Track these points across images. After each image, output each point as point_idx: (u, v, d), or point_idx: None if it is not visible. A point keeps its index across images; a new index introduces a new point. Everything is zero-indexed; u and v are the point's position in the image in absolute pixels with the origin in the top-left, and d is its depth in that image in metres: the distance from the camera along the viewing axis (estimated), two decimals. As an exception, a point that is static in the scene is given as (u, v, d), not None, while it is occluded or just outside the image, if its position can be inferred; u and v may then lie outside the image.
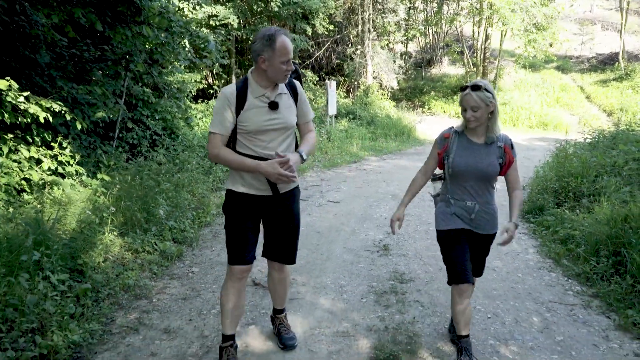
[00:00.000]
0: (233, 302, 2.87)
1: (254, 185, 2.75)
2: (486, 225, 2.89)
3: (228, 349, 2.90)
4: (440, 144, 2.92)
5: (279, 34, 2.58)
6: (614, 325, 3.52)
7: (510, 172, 2.87)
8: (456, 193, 2.88)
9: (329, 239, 5.41)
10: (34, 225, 3.99)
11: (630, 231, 4.40)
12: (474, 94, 2.66)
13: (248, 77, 2.73)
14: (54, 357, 2.87)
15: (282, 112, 2.72)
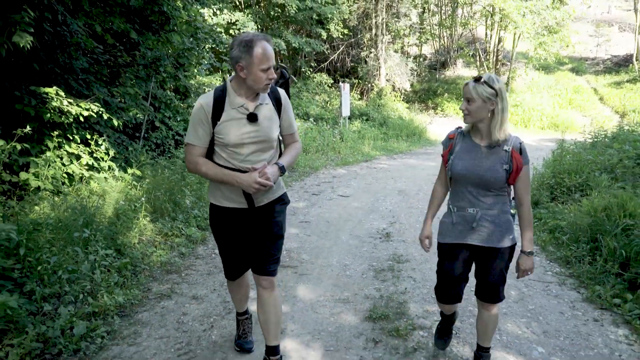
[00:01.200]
0: (238, 291, 3.08)
1: (232, 198, 2.66)
2: (492, 236, 2.58)
3: (244, 321, 3.16)
4: (446, 145, 2.73)
5: (258, 40, 2.42)
6: (582, 298, 4.03)
7: (518, 182, 2.55)
8: (457, 200, 2.66)
9: (337, 227, 5.98)
10: (81, 210, 4.64)
11: (606, 220, 4.90)
12: (472, 84, 2.48)
13: (227, 86, 2.58)
14: (104, 314, 3.49)
15: (261, 125, 2.57)
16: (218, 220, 2.76)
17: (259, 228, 2.73)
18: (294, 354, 3.08)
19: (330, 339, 3.25)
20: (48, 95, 5.42)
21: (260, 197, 2.66)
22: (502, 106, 2.48)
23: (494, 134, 2.50)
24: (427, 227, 2.80)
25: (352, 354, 3.06)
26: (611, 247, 4.48)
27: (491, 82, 2.45)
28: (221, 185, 2.65)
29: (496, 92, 2.44)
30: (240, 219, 2.71)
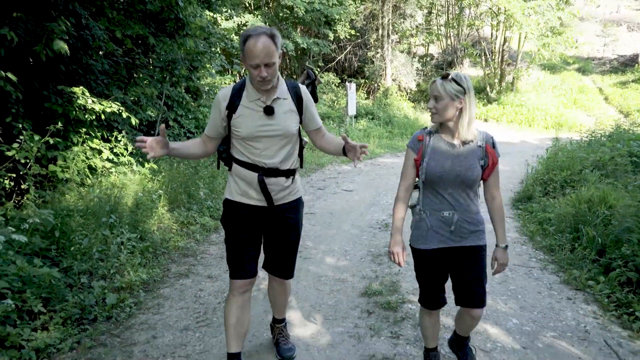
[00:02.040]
0: (236, 317, 2.70)
1: (249, 195, 2.62)
2: (470, 236, 2.53)
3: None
4: (415, 148, 2.56)
5: (252, 35, 2.37)
6: (559, 280, 4.44)
7: (490, 177, 2.54)
8: (432, 203, 2.54)
9: (340, 218, 6.41)
10: (106, 199, 5.12)
11: (587, 211, 5.30)
12: (439, 82, 2.40)
13: (246, 80, 2.58)
14: (130, 288, 3.95)
15: (278, 119, 2.54)
16: (232, 216, 2.69)
17: (276, 231, 2.72)
18: (297, 322, 3.52)
19: (329, 310, 3.70)
20: (75, 94, 5.90)
21: (278, 195, 2.63)
22: (470, 104, 2.40)
23: (462, 133, 2.43)
24: (398, 237, 2.62)
25: (348, 322, 3.50)
26: (590, 236, 4.88)
27: (459, 79, 2.38)
28: (238, 180, 2.63)
29: (464, 89, 2.37)
30: (256, 216, 2.66)
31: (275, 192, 2.62)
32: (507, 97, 22.17)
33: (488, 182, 2.56)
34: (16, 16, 5.33)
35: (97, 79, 7.35)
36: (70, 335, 3.18)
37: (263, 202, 2.63)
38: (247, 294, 2.75)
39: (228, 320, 2.70)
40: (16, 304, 3.08)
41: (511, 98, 22.08)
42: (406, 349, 3.14)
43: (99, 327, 3.36)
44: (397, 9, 19.83)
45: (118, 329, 3.41)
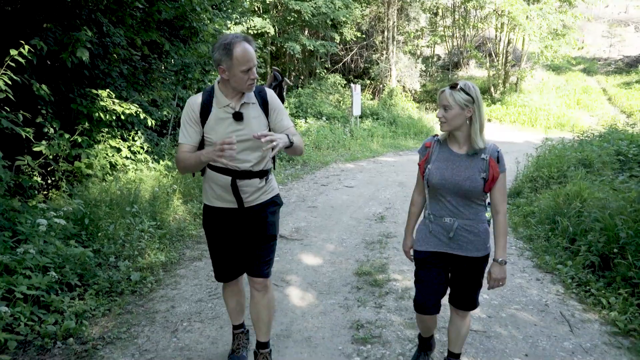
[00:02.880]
0: (233, 302, 3.04)
1: (222, 197, 2.70)
2: (469, 246, 2.55)
3: (239, 335, 3.12)
4: (422, 154, 2.68)
5: (238, 42, 2.44)
6: (532, 265, 4.95)
7: (494, 190, 2.53)
8: (435, 208, 2.62)
9: (339, 211, 6.95)
10: (127, 192, 5.70)
11: (563, 204, 5.80)
12: (448, 91, 2.44)
13: (214, 87, 2.63)
14: (151, 268, 4.52)
15: (247, 123, 2.60)
16: (210, 220, 2.79)
17: (251, 229, 2.74)
18: (295, 295, 4.07)
19: (324, 287, 4.24)
20: (99, 96, 6.48)
21: (250, 197, 2.68)
22: (480, 112, 2.46)
23: (475, 141, 2.46)
24: (409, 238, 2.81)
25: (339, 296, 4.05)
26: (564, 226, 5.39)
27: (467, 89, 2.42)
28: (213, 184, 2.69)
29: (473, 98, 2.42)
30: (231, 219, 2.73)
31: (250, 193, 2.68)
32: (511, 98, 22.59)
33: (492, 196, 2.56)
34: (46, 27, 5.92)
35: (116, 82, 7.95)
36: (102, 304, 3.74)
37: (234, 204, 2.69)
38: (237, 286, 3.01)
39: (227, 304, 3.06)
40: (58, 277, 3.65)
41: (515, 98, 22.50)
42: (387, 315, 3.67)
43: (125, 299, 3.92)
44: (402, 12, 20.31)
45: (142, 300, 3.97)
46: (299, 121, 15.12)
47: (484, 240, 2.56)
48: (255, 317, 2.88)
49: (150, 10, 7.00)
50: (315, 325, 3.56)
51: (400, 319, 3.62)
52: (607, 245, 4.50)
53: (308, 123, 15.07)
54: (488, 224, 2.61)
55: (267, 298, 2.86)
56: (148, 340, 3.34)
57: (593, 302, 3.98)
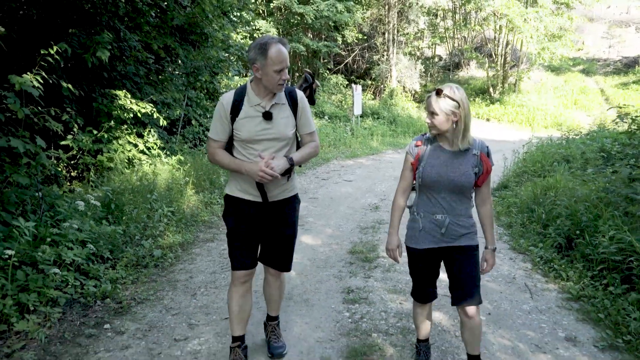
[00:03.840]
0: (238, 305, 2.94)
1: (248, 191, 2.78)
2: (461, 238, 2.65)
3: (236, 350, 2.99)
4: (413, 153, 2.71)
5: (273, 43, 2.57)
6: (508, 247, 5.55)
7: (483, 183, 2.67)
8: (426, 206, 2.68)
9: (338, 202, 7.57)
10: (146, 182, 6.33)
11: (539, 194, 6.41)
12: (433, 98, 2.52)
13: (247, 86, 2.75)
14: (170, 247, 5.15)
15: (276, 123, 2.72)
16: (232, 210, 2.87)
17: (272, 225, 2.87)
18: (296, 269, 4.67)
19: (321, 262, 4.87)
20: (117, 96, 7.11)
21: (273, 192, 2.79)
22: (465, 115, 2.51)
23: (458, 142, 2.55)
24: (395, 236, 2.81)
25: (334, 269, 4.67)
26: (539, 214, 5.99)
27: (452, 94, 2.48)
28: (239, 178, 2.78)
29: (458, 103, 2.48)
30: (254, 211, 2.82)
31: (272, 190, 2.78)
32: (510, 98, 23.16)
33: (480, 189, 2.69)
34: (71, 32, 6.56)
35: (132, 83, 8.59)
36: (130, 274, 4.38)
37: (258, 198, 2.79)
38: (247, 283, 2.96)
39: (231, 308, 2.94)
40: (94, 250, 4.28)
41: (513, 98, 23.07)
42: (374, 283, 4.30)
43: (150, 271, 4.56)
44: (402, 14, 20.92)
45: (164, 272, 4.60)
46: (302, 120, 15.74)
47: (474, 231, 2.68)
48: (267, 295, 3.16)
49: (165, 18, 7.63)
50: (312, 290, 4.18)
51: (384, 286, 4.24)
52: (572, 228, 5.10)
53: (311, 122, 15.68)
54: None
55: (279, 280, 3.13)
56: (172, 301, 3.97)
57: (554, 275, 4.58)
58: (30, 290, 3.56)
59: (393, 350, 3.21)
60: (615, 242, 4.27)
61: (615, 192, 5.09)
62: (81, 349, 3.19)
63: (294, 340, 3.33)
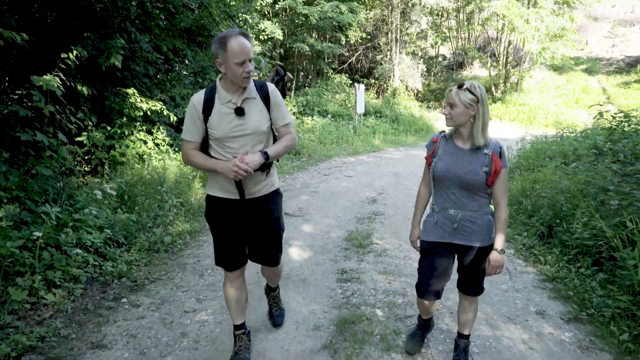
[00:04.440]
0: (235, 298, 3.03)
1: (227, 189, 2.78)
2: (473, 236, 2.70)
3: (240, 337, 3.09)
4: (429, 148, 2.83)
5: (233, 35, 2.54)
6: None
7: (496, 184, 2.67)
8: (440, 200, 2.78)
9: (338, 195, 7.96)
10: (156, 175, 6.75)
11: (527, 187, 6.77)
12: (454, 90, 2.61)
13: (216, 84, 2.72)
14: (179, 235, 5.55)
15: (249, 118, 2.69)
16: (212, 210, 2.88)
17: (255, 222, 2.88)
18: (295, 253, 5.08)
19: (318, 248, 5.26)
20: (128, 94, 7.53)
21: (252, 189, 2.80)
22: (483, 111, 2.59)
23: (476, 138, 2.61)
24: (415, 229, 2.97)
25: (330, 253, 5.06)
26: (525, 206, 6.35)
27: (473, 89, 2.57)
28: (218, 177, 2.77)
29: (477, 98, 2.56)
30: (233, 209, 2.82)
31: (250, 187, 2.79)
32: (512, 97, 23.45)
33: (494, 189, 2.69)
34: (86, 35, 6.97)
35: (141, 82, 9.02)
36: (143, 258, 4.79)
37: (236, 195, 2.78)
38: (240, 278, 3.03)
39: (229, 302, 3.04)
40: (110, 235, 4.69)
41: (515, 97, 23.35)
42: (366, 266, 4.69)
43: (161, 255, 4.96)
44: (405, 15, 21.28)
45: (174, 256, 5.01)
46: (306, 119, 16.12)
47: (487, 231, 2.71)
48: (265, 275, 3.36)
49: (174, 21, 8.05)
50: (309, 271, 4.58)
51: (375, 268, 4.62)
52: (553, 218, 5.47)
53: (314, 120, 16.08)
54: (492, 216, 2.75)
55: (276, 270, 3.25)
56: (182, 280, 4.38)
57: (534, 260, 4.95)
58: (56, 269, 3.98)
59: (379, 319, 3.60)
60: (589, 228, 4.64)
61: (593, 184, 5.45)
62: (102, 319, 3.60)
63: (291, 313, 3.73)
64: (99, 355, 3.11)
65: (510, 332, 3.51)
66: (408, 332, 3.37)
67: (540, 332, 3.51)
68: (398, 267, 4.67)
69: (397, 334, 3.39)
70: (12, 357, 2.96)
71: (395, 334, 3.39)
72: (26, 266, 3.82)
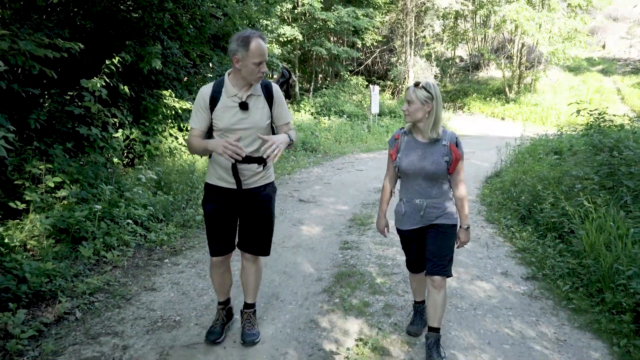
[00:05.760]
0: (219, 283, 3.28)
1: (224, 179, 2.93)
2: (439, 217, 2.94)
3: (219, 312, 3.34)
4: (392, 145, 3.04)
5: (255, 37, 2.69)
6: (483, 219, 6.71)
7: (455, 170, 2.91)
8: (407, 192, 2.99)
9: (348, 186, 8.83)
10: (187, 165, 7.71)
11: (517, 178, 7.55)
12: (412, 88, 2.80)
13: (224, 78, 2.86)
14: (207, 215, 6.47)
15: (251, 113, 2.85)
16: (209, 197, 3.03)
17: (248, 210, 3.02)
18: (306, 229, 5.96)
19: (327, 226, 6.15)
20: (163, 95, 8.51)
21: (248, 180, 2.94)
22: (436, 108, 2.81)
23: (427, 132, 2.85)
24: (382, 219, 3.20)
25: (336, 230, 5.95)
26: (513, 193, 7.13)
27: (428, 87, 2.79)
28: (217, 166, 2.94)
29: (432, 95, 2.78)
30: (229, 198, 2.97)
31: (248, 177, 2.94)
32: (525, 97, 24.01)
33: (453, 175, 2.95)
34: (128, 43, 7.96)
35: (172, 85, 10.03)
36: (179, 231, 5.73)
37: (233, 185, 2.93)
38: (224, 264, 3.23)
39: (214, 285, 3.33)
40: (152, 212, 5.64)
41: (528, 98, 23.91)
42: (364, 239, 5.56)
43: (194, 230, 5.90)
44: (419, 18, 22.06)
45: (204, 231, 5.93)
46: (323, 118, 17.03)
47: (448, 213, 2.97)
48: (244, 281, 3.30)
49: (203, 30, 9.02)
50: (317, 242, 5.48)
51: (372, 240, 5.49)
52: (532, 202, 6.25)
53: (331, 120, 16.97)
54: (453, 199, 3.03)
55: (256, 266, 3.26)
56: (212, 248, 5.31)
57: (511, 237, 5.75)
58: (111, 235, 4.95)
59: (370, 274, 4.46)
60: (557, 208, 5.44)
61: (568, 173, 6.23)
62: (150, 272, 4.54)
63: (300, 270, 4.62)
64: (151, 295, 4.05)
65: (475, 286, 4.34)
66: (408, 321, 3.54)
67: (501, 286, 4.34)
68: (392, 240, 5.50)
69: (382, 284, 4.25)
70: (87, 293, 3.90)
71: (381, 284, 4.26)
72: (89, 233, 4.79)
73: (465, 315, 3.76)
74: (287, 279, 4.40)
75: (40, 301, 3.71)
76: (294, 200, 7.63)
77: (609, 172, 5.56)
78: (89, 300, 3.83)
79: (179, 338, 3.32)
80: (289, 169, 10.44)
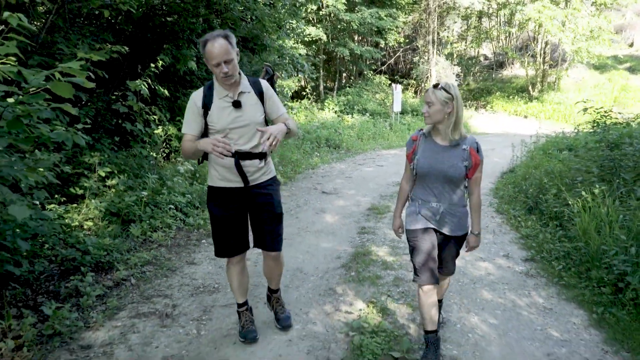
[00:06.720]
0: (237, 281, 3.24)
1: (228, 178, 2.92)
2: (453, 227, 2.91)
3: (244, 313, 3.33)
4: (409, 146, 3.00)
5: (210, 39, 2.69)
6: (493, 210, 7.18)
7: (473, 175, 2.86)
8: (422, 194, 2.93)
9: (368, 180, 9.37)
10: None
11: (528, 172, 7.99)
12: (431, 90, 2.76)
13: (213, 81, 2.87)
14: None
15: (245, 110, 2.86)
16: (215, 200, 3.01)
17: (257, 207, 3.02)
18: (328, 217, 6.53)
19: (347, 214, 6.71)
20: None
21: (253, 176, 2.94)
22: (457, 109, 2.74)
23: (448, 134, 2.78)
24: (397, 219, 3.14)
25: (355, 217, 6.51)
26: (523, 187, 7.58)
27: (447, 88, 2.74)
28: (217, 167, 2.94)
29: (452, 96, 2.72)
30: (236, 197, 2.96)
31: (251, 173, 2.94)
32: (548, 96, 24.11)
33: (470, 180, 2.89)
34: (166, 47, 8.65)
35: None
36: (213, 217, 6.35)
37: (239, 183, 2.92)
38: (241, 262, 3.21)
39: (232, 284, 3.27)
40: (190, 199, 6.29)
41: (552, 96, 24.00)
42: (380, 225, 6.11)
43: (226, 216, 6.53)
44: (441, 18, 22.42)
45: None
46: (346, 117, 17.58)
47: (463, 222, 2.95)
48: (268, 274, 3.39)
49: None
50: (337, 227, 6.05)
51: (387, 226, 6.04)
52: (538, 194, 6.70)
53: (354, 118, 17.52)
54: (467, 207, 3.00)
55: (278, 262, 3.29)
56: (243, 231, 5.93)
57: (517, 225, 6.22)
58: (156, 219, 5.60)
59: (383, 253, 5.01)
60: (559, 199, 5.89)
61: (574, 167, 6.66)
62: (190, 250, 5.19)
63: (321, 250, 5.21)
64: (193, 268, 4.69)
65: (478, 265, 4.85)
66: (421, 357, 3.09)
67: (501, 265, 4.85)
68: (406, 226, 6.05)
69: (394, 262, 4.81)
70: (139, 265, 4.56)
71: (393, 262, 4.81)
72: (136, 216, 5.45)
73: (465, 287, 4.29)
74: (309, 257, 4.98)
75: (101, 270, 4.38)
76: (317, 192, 8.22)
77: (610, 166, 5.99)
78: (140, 270, 4.49)
79: (218, 300, 3.94)
80: (313, 163, 11.03)
